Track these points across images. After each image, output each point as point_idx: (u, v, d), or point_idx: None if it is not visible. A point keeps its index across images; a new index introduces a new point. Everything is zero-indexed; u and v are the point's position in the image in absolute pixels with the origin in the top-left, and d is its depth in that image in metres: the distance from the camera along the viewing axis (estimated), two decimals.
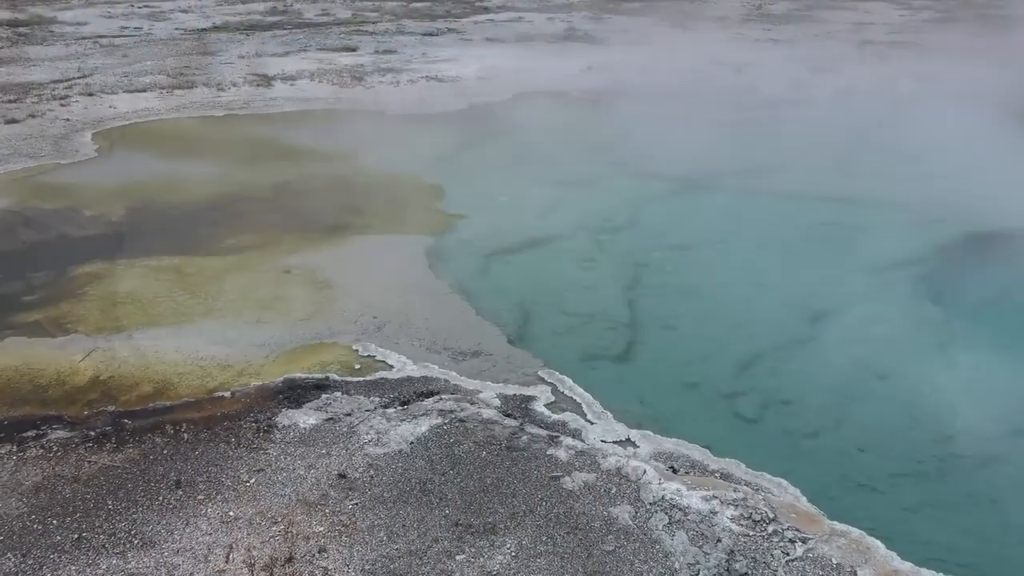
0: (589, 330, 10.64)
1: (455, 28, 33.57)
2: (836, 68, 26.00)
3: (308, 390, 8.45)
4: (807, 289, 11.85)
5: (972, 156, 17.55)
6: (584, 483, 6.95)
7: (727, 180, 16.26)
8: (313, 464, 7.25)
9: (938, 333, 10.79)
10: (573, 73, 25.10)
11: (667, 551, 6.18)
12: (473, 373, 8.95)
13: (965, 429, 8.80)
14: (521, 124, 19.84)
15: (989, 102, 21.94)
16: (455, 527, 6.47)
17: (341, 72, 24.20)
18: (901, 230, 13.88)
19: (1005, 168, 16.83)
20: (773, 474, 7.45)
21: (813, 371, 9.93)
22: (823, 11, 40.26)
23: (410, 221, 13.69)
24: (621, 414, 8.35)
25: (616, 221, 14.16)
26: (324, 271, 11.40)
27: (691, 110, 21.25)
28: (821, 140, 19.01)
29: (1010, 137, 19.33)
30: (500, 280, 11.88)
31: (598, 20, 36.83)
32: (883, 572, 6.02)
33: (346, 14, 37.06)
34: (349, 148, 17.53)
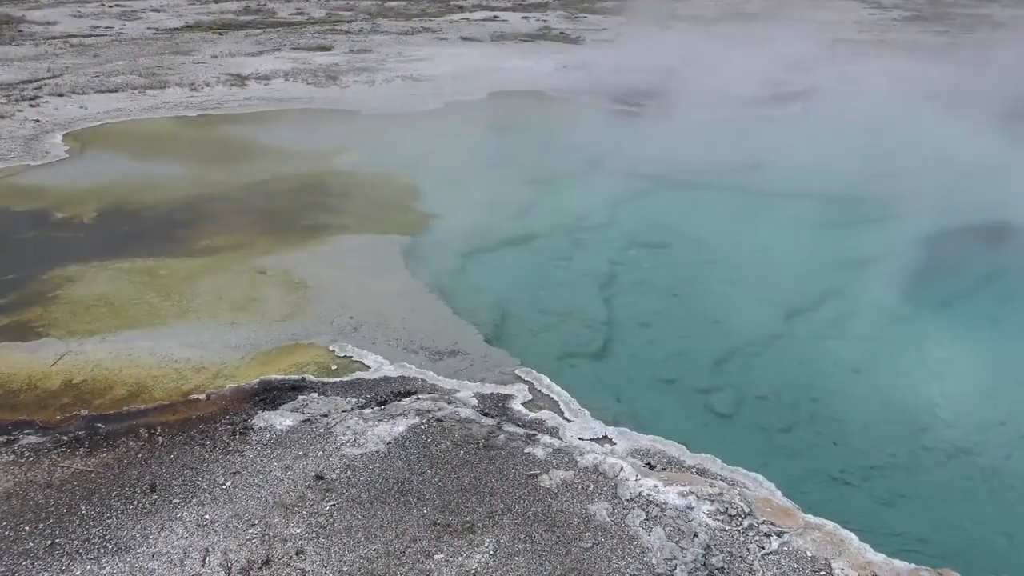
0: (566, 328, 10.67)
1: (430, 27, 33.51)
2: (809, 66, 26.27)
3: (284, 391, 8.40)
4: (781, 285, 11.98)
5: (939, 152, 17.84)
6: (562, 481, 6.98)
7: (702, 178, 16.37)
8: (290, 466, 7.22)
9: (910, 327, 10.96)
10: (548, 72, 25.16)
11: (644, 547, 6.22)
12: (450, 372, 8.95)
13: (937, 422, 8.95)
14: (497, 123, 19.86)
15: (957, 99, 22.30)
16: (433, 527, 6.47)
17: (316, 71, 24.07)
18: (873, 226, 14.07)
19: (972, 164, 17.13)
20: (749, 469, 7.52)
21: (787, 366, 10.04)
22: (796, 10, 40.62)
23: (386, 221, 13.64)
24: (598, 411, 8.38)
25: (592, 219, 14.21)
26: (299, 271, 11.34)
27: (666, 109, 21.37)
28: (794, 138, 19.21)
29: (976, 133, 19.65)
30: (477, 279, 11.89)
31: (573, 19, 36.93)
32: (857, 564, 6.10)
33: (320, 13, 36.87)
34: (324, 148, 17.44)
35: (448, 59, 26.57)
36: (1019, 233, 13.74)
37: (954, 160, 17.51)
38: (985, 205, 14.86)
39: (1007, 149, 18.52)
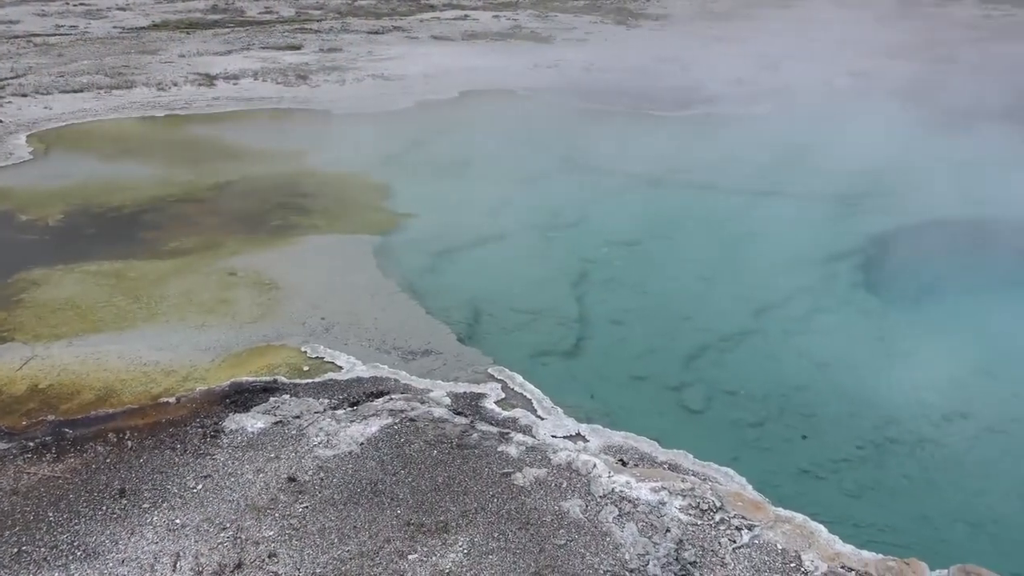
0: (538, 326, 10.71)
1: (401, 26, 33.38)
2: (779, 65, 26.55)
3: (256, 393, 8.34)
4: (751, 282, 12.10)
5: (905, 149, 18.13)
6: (535, 478, 7.00)
7: (674, 176, 16.49)
8: (262, 468, 7.17)
9: (875, 322, 11.13)
10: (519, 71, 25.17)
11: (617, 543, 6.27)
12: (423, 372, 8.94)
13: (902, 414, 9.10)
14: (468, 122, 19.85)
15: (920, 97, 22.67)
16: (407, 527, 6.47)
17: (285, 71, 23.88)
18: (840, 222, 14.26)
19: (934, 161, 17.44)
20: (720, 464, 7.60)
21: (757, 362, 10.16)
22: (764, 8, 41.02)
23: (358, 221, 13.58)
24: (571, 409, 8.43)
25: (564, 218, 14.26)
26: (270, 272, 11.25)
27: (637, 107, 21.50)
28: (765, 136, 19.40)
29: (937, 131, 20.02)
30: (449, 278, 11.88)
31: (544, 18, 36.98)
32: (826, 555, 6.20)
33: (290, 12, 36.57)
34: (295, 148, 17.32)
35: (419, 58, 26.49)
36: (982, 228, 14.00)
37: (921, 157, 17.80)
38: (950, 202, 15.12)
39: (970, 145, 18.88)
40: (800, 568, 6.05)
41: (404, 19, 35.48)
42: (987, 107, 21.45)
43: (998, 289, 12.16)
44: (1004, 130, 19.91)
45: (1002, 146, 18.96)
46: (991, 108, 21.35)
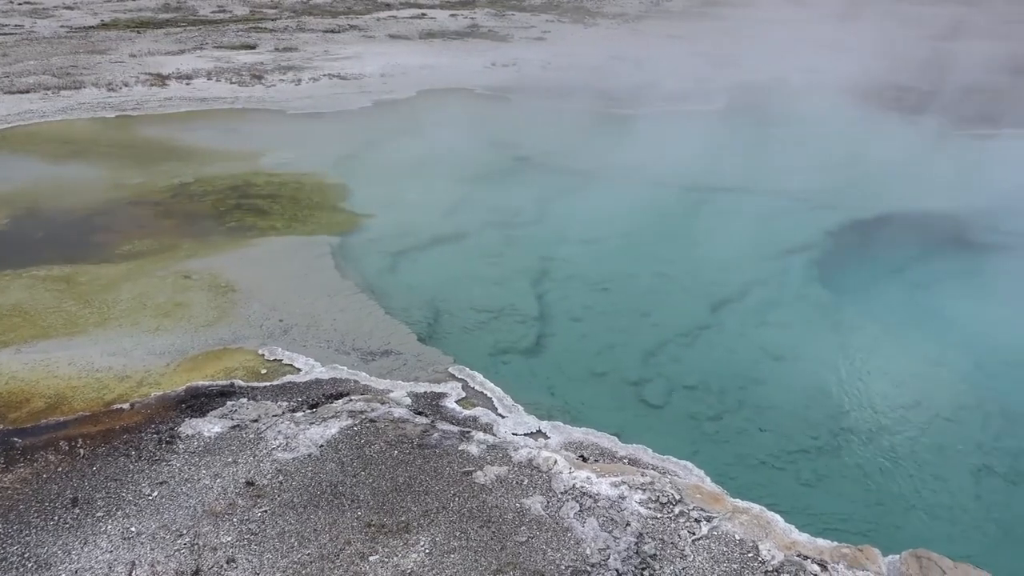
0: (499, 325, 10.72)
1: (357, 25, 33.13)
2: (732, 62, 26.89)
3: (212, 398, 8.21)
4: (709, 277, 12.25)
5: (855, 146, 18.51)
6: (496, 476, 7.01)
7: (631, 174, 16.61)
8: (219, 473, 7.06)
9: (829, 314, 11.33)
10: (477, 69, 25.15)
11: (579, 538, 6.30)
12: (383, 372, 8.89)
13: (856, 405, 9.31)
14: (426, 121, 19.76)
15: (872, 95, 23.17)
16: (368, 528, 6.42)
17: (240, 70, 23.55)
18: (794, 218, 14.50)
19: (883, 157, 17.84)
20: (679, 457, 7.68)
21: (715, 356, 10.29)
22: (719, 7, 41.54)
23: (315, 221, 13.46)
24: (532, 406, 8.45)
25: (523, 216, 14.29)
26: (226, 275, 11.09)
27: (595, 105, 21.61)
28: (720, 133, 19.65)
29: (889, 127, 20.48)
30: (409, 278, 11.83)
31: (501, 17, 36.99)
32: (782, 544, 6.30)
33: (243, 11, 36.09)
34: (250, 148, 17.09)
35: (376, 57, 26.32)
36: (930, 222, 14.35)
37: (871, 152, 18.18)
38: (901, 194, 15.47)
39: (915, 141, 19.35)
40: (757, 557, 6.13)
41: (360, 18, 35.22)
42: (936, 103, 22.01)
43: (946, 280, 12.48)
44: (952, 125, 20.45)
45: (951, 141, 19.48)
46: (940, 104, 21.91)
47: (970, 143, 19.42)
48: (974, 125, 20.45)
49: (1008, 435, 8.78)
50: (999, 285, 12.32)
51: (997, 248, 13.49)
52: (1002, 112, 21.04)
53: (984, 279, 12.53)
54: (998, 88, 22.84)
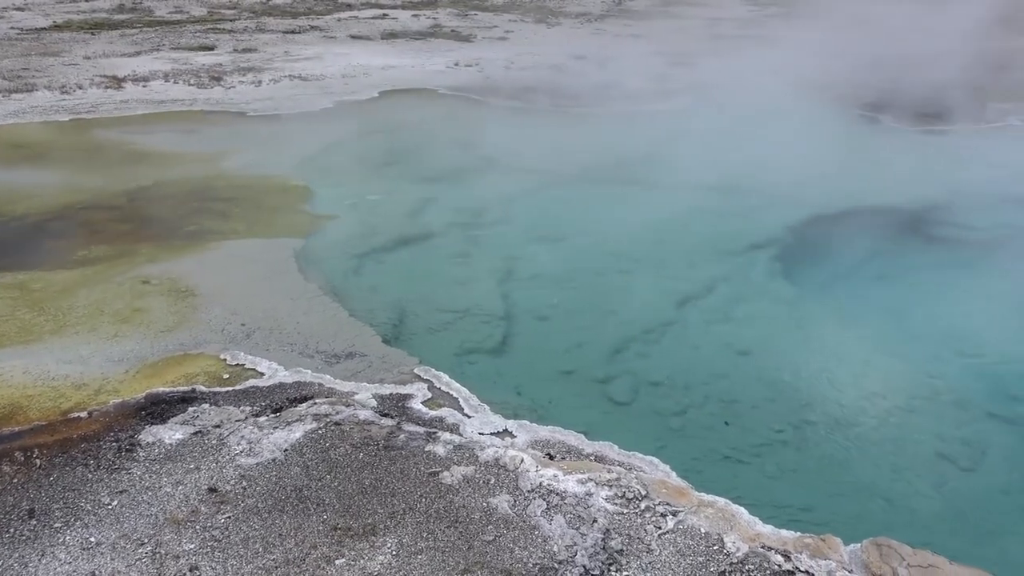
0: (464, 325, 10.69)
1: (318, 25, 32.87)
2: (693, 61, 27.14)
3: (173, 404, 8.08)
4: (673, 274, 12.34)
5: (815, 143, 18.79)
6: (463, 476, 6.98)
7: (595, 172, 16.70)
8: (181, 480, 6.95)
9: (792, 309, 11.47)
10: (440, 70, 25.10)
11: (546, 536, 6.30)
12: (348, 375, 8.82)
13: (819, 397, 9.42)
14: (389, 122, 19.68)
15: (828, 91, 23.53)
16: (334, 531, 6.37)
17: (198, 72, 23.24)
18: (756, 214, 14.66)
19: (842, 153, 18.14)
20: (645, 453, 7.71)
21: (681, 352, 10.36)
22: (679, 7, 41.92)
23: (277, 224, 13.31)
24: (498, 406, 8.44)
25: (488, 216, 14.28)
26: (186, 279, 10.92)
27: (558, 105, 21.68)
28: (682, 131, 19.81)
29: (844, 124, 20.83)
30: (373, 280, 11.76)
31: (463, 16, 36.94)
32: (747, 536, 6.36)
33: (201, 11, 35.61)
34: (209, 151, 16.87)
35: (337, 58, 26.14)
36: (888, 217, 14.61)
37: (827, 149, 18.46)
38: (856, 192, 15.74)
39: (871, 137, 19.70)
40: (723, 550, 6.19)
41: (321, 18, 34.95)
42: (891, 100, 22.42)
43: (904, 273, 12.71)
44: (907, 121, 20.85)
45: (905, 137, 19.86)
46: (895, 101, 22.31)
47: (924, 139, 19.82)
48: (927, 121, 20.87)
49: (963, 424, 8.96)
50: (954, 277, 12.58)
51: (952, 241, 13.79)
52: (953, 108, 21.49)
53: (940, 271, 12.79)
54: (951, 85, 23.33)
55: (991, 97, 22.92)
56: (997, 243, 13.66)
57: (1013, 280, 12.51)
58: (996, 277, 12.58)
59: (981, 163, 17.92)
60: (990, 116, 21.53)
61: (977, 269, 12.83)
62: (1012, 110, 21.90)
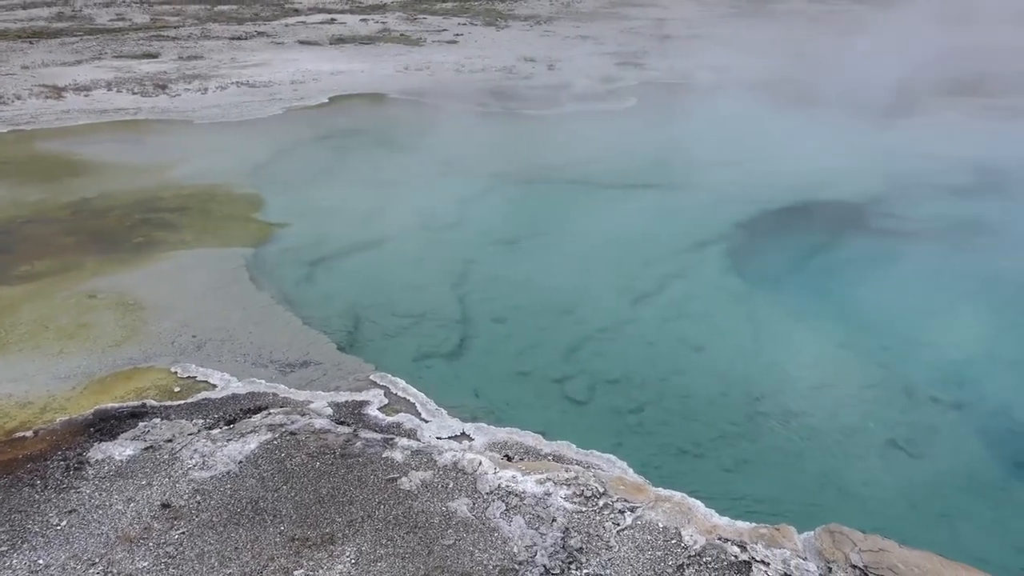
0: (421, 329, 10.65)
1: (265, 31, 32.48)
2: (642, 61, 27.43)
3: (123, 420, 7.91)
4: (627, 272, 12.45)
5: (761, 140, 19.12)
6: (421, 481, 6.96)
7: (548, 174, 16.78)
8: (133, 497, 6.81)
9: (743, 304, 11.65)
10: (390, 74, 24.99)
11: (506, 537, 6.31)
12: (303, 384, 8.72)
13: (772, 390, 9.57)
14: (340, 128, 19.53)
15: (774, 89, 23.97)
16: (291, 542, 6.29)
17: (142, 80, 22.79)
18: (707, 211, 14.88)
19: (788, 150, 18.49)
20: (602, 451, 7.78)
21: (636, 350, 10.45)
22: (627, 8, 42.32)
23: (227, 233, 13.11)
24: (456, 409, 8.42)
25: (442, 220, 14.25)
26: (134, 292, 10.70)
27: (509, 107, 21.73)
28: (632, 131, 20.02)
29: (791, 120, 21.25)
30: (327, 287, 11.65)
31: (413, 20, 36.82)
32: (703, 528, 6.45)
33: (144, 18, 34.94)
34: (156, 161, 16.55)
35: (286, 64, 25.86)
36: (834, 210, 14.94)
37: (777, 146, 18.80)
38: (806, 185, 16.05)
39: (821, 134, 20.11)
40: (680, 543, 6.27)
41: (268, 24, 34.54)
42: (834, 96, 22.92)
43: (850, 265, 13.00)
44: (852, 116, 21.34)
45: (848, 132, 20.31)
46: (837, 96, 22.82)
47: (866, 133, 20.28)
48: (869, 116, 21.36)
49: (910, 411, 9.20)
50: (897, 267, 12.91)
51: (894, 232, 14.14)
52: (892, 103, 22.05)
53: (883, 262, 13.10)
54: (890, 81, 23.95)
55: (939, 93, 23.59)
56: (937, 233, 14.10)
57: (951, 269, 12.89)
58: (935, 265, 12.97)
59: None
60: (933, 110, 22.16)
61: (918, 259, 13.21)
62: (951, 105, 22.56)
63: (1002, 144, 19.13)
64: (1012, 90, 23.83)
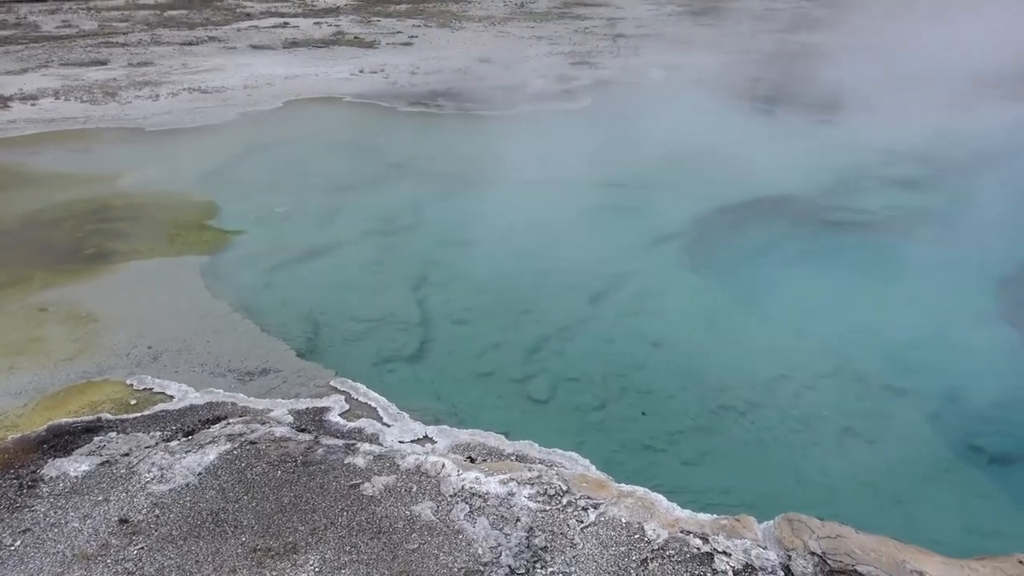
0: (381, 333, 10.61)
1: (217, 36, 32.03)
2: (596, 61, 27.61)
3: (78, 435, 7.76)
4: (586, 270, 12.53)
5: (715, 137, 19.37)
6: (384, 486, 6.94)
7: (505, 174, 16.78)
8: (89, 513, 6.68)
9: (700, 299, 11.81)
10: (345, 77, 24.82)
11: (470, 539, 6.32)
12: (262, 392, 8.64)
13: (730, 382, 9.71)
14: (294, 132, 19.35)
15: (727, 87, 24.30)
16: (253, 553, 6.23)
17: (91, 88, 22.34)
18: (662, 208, 15.04)
19: (740, 146, 18.75)
20: (565, 449, 7.83)
21: (596, 347, 10.52)
22: (580, 8, 42.54)
23: (182, 242, 12.93)
24: (418, 413, 8.41)
25: (399, 222, 14.21)
26: (87, 304, 10.50)
27: (465, 109, 21.72)
28: (587, 129, 20.13)
29: (742, 117, 21.56)
30: (285, 293, 11.54)
31: (367, 23, 36.61)
32: (666, 522, 6.52)
33: (91, 25, 34.24)
34: (107, 170, 16.23)
35: (239, 69, 25.54)
36: (786, 204, 15.20)
37: (729, 142, 19.05)
38: (758, 180, 16.30)
39: (771, 129, 20.44)
40: (644, 538, 6.33)
41: (220, 28, 34.07)
42: (782, 93, 23.31)
43: (803, 258, 13.23)
44: (800, 113, 21.72)
45: (798, 127, 20.68)
46: (786, 93, 23.22)
47: (815, 128, 20.67)
48: (817, 111, 21.77)
49: (863, 398, 9.41)
50: (848, 258, 13.18)
51: (844, 224, 14.43)
52: (837, 98, 22.48)
53: (835, 254, 13.37)
54: (836, 77, 24.42)
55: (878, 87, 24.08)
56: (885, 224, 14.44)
57: (899, 259, 13.20)
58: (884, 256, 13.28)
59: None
60: (872, 105, 22.62)
61: (868, 249, 13.51)
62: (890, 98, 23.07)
63: (946, 134, 19.58)
64: (951, 81, 24.46)
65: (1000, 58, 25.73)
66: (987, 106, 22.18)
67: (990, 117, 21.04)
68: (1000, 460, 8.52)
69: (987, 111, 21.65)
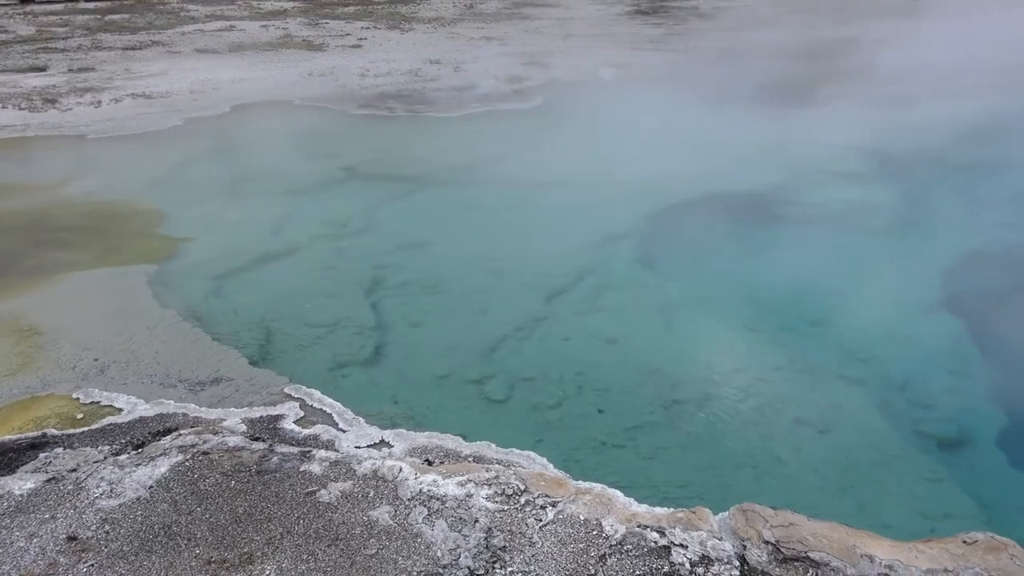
0: (335, 338, 10.50)
1: (160, 40, 31.41)
2: (546, 61, 27.72)
3: (21, 452, 7.53)
4: (539, 270, 12.56)
5: (666, 134, 19.61)
6: (341, 492, 6.87)
7: (457, 175, 16.78)
8: (35, 532, 6.49)
9: (654, 295, 11.93)
10: (293, 80, 24.54)
11: (429, 542, 6.29)
12: (214, 402, 8.49)
13: (685, 377, 9.82)
14: (243, 137, 19.07)
15: (677, 85, 24.60)
16: (208, 566, 6.11)
17: (29, 95, 21.73)
18: (615, 206, 15.15)
19: (692, 142, 19.01)
20: (522, 448, 7.82)
21: (552, 346, 10.56)
22: (529, 8, 42.68)
23: (128, 251, 12.64)
24: (374, 417, 8.35)
25: (351, 226, 14.09)
26: (29, 318, 10.21)
27: (415, 110, 21.64)
28: (539, 129, 20.21)
29: (695, 114, 21.84)
30: (236, 301, 11.36)
31: (315, 25, 36.23)
32: (623, 517, 6.57)
33: (28, 30, 33.32)
34: (48, 179, 15.81)
35: (184, 73, 25.08)
36: (738, 201, 15.44)
37: (680, 139, 19.30)
38: (710, 177, 16.53)
39: (722, 126, 20.74)
40: (601, 534, 6.37)
41: (163, 32, 33.42)
42: (733, 90, 23.69)
43: (755, 253, 13.46)
44: (749, 109, 22.08)
45: (749, 123, 21.02)
46: (737, 91, 23.59)
47: (766, 124, 21.03)
48: (768, 107, 22.16)
49: (814, 388, 9.59)
50: (800, 252, 13.44)
51: (796, 219, 14.71)
52: (789, 94, 22.93)
53: (787, 248, 13.61)
54: (787, 73, 24.91)
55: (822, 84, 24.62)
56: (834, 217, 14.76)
57: (848, 248, 13.51)
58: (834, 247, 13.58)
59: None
60: (820, 101, 23.12)
61: (818, 243, 13.79)
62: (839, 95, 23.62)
63: (890, 130, 20.10)
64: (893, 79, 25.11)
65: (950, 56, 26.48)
66: (930, 101, 22.82)
67: (933, 111, 21.66)
68: (947, 445, 8.76)
69: (930, 106, 22.28)
